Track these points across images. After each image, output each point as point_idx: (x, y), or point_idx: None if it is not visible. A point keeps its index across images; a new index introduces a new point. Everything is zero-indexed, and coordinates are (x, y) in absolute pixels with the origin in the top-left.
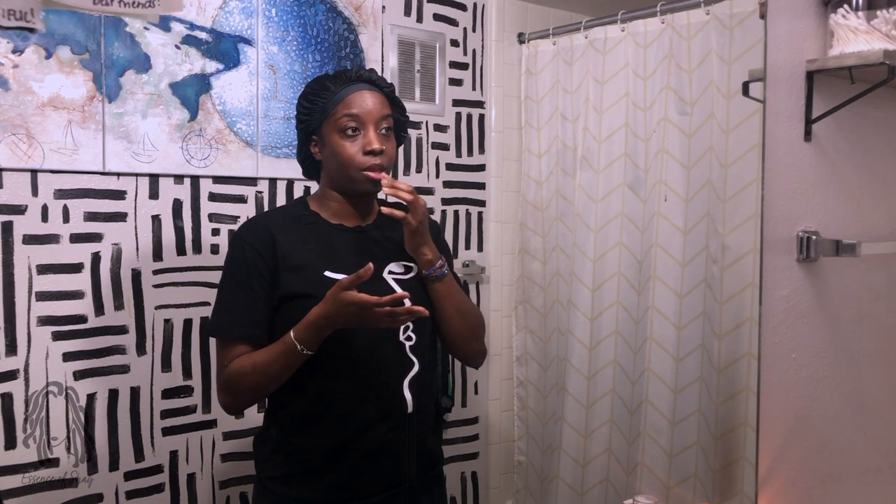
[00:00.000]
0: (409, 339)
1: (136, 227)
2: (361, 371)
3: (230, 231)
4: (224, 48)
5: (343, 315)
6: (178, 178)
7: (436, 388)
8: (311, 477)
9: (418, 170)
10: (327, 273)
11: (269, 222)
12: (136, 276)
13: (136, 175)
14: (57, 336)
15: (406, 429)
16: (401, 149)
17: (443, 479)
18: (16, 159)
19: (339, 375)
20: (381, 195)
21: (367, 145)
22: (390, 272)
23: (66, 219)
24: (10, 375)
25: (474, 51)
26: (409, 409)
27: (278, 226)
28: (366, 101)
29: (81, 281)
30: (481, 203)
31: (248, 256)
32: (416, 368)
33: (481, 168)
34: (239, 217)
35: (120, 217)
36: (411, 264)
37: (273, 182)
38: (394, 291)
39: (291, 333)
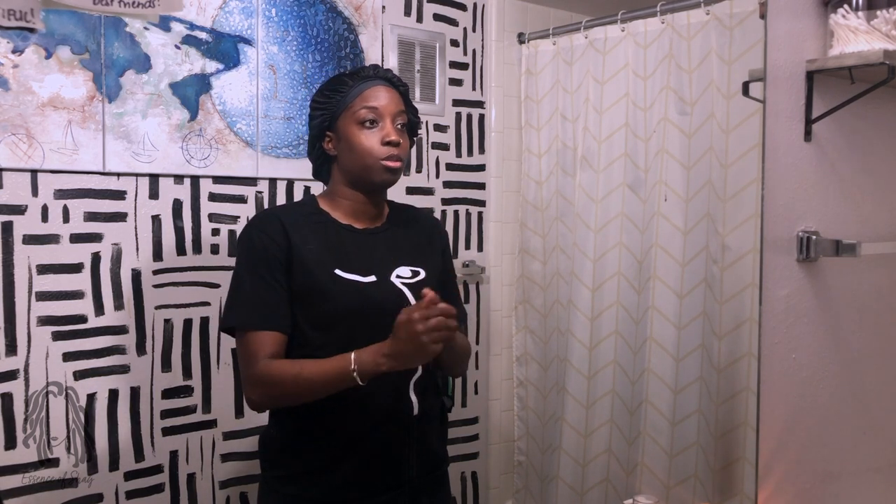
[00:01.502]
0: None
1: (136, 227)
2: None
3: (230, 231)
4: (224, 48)
5: (399, 340)
6: (178, 178)
7: (440, 388)
8: (315, 476)
9: (418, 170)
10: (338, 271)
11: (282, 215)
12: (136, 276)
13: (136, 175)
14: (57, 336)
15: (411, 430)
16: None
17: (446, 479)
18: (16, 159)
19: None
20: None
21: (385, 137)
22: (398, 276)
23: (66, 219)
24: (10, 375)
25: (474, 51)
26: (415, 411)
27: (290, 220)
28: (384, 96)
29: (81, 281)
30: (481, 203)
31: (266, 244)
32: (420, 370)
33: (481, 168)
34: (239, 217)
35: (120, 217)
36: (419, 269)
37: (273, 182)
38: (403, 294)
39: (352, 355)
